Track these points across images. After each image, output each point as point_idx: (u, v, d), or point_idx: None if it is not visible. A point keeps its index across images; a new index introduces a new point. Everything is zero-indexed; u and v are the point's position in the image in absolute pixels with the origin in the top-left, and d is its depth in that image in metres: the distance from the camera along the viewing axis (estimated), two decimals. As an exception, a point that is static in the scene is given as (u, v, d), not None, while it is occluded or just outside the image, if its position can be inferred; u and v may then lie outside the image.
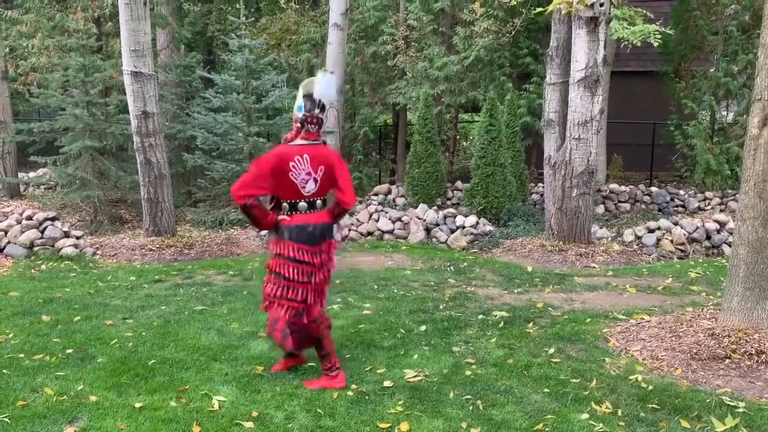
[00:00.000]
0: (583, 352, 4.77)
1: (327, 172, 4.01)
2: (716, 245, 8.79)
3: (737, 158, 11.09)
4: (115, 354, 4.64)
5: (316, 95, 4.01)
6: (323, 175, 4.00)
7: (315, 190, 4.01)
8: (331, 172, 4.02)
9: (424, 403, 3.88)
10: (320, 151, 4.01)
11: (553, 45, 8.70)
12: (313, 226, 4.01)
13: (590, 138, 8.22)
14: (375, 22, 12.82)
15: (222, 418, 3.68)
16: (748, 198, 4.70)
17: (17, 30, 12.09)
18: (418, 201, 10.38)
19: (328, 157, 4.04)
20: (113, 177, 9.84)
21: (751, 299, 4.72)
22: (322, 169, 3.99)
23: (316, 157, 3.96)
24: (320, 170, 3.98)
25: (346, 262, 7.84)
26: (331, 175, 4.03)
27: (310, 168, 3.95)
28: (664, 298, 6.30)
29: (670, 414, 3.76)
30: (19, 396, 3.91)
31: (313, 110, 4.00)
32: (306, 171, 3.94)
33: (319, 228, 4.04)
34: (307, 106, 3.99)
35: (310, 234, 3.99)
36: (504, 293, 6.47)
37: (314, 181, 3.99)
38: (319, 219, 4.05)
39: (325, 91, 4.06)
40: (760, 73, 4.64)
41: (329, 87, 4.13)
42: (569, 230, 8.52)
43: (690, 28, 12.13)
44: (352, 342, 4.91)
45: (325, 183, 4.04)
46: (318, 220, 4.04)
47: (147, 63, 8.45)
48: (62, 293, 6.29)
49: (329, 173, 4.02)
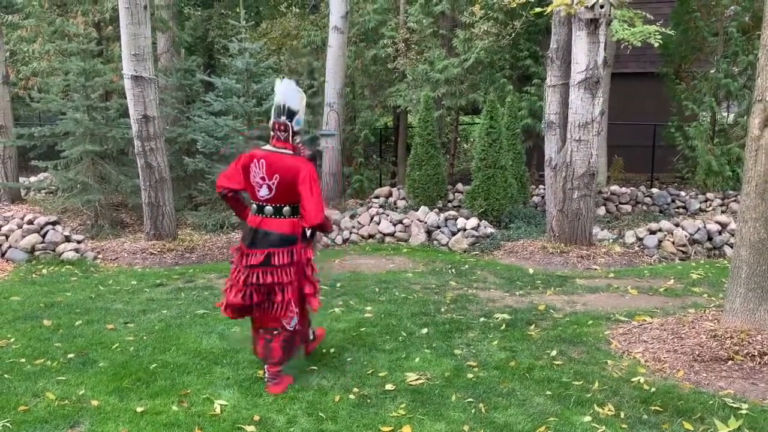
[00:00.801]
0: (585, 354, 4.77)
1: (284, 182, 3.96)
2: (718, 246, 8.77)
3: (738, 159, 11.08)
4: (117, 358, 4.63)
5: (278, 102, 4.03)
6: (278, 183, 3.96)
7: (269, 196, 4.00)
8: (291, 185, 3.96)
9: (426, 407, 3.87)
10: (281, 160, 3.98)
11: (554, 47, 8.69)
12: (255, 229, 4.04)
13: (591, 140, 8.22)
14: (375, 25, 12.84)
15: (224, 422, 3.68)
16: (749, 199, 4.70)
17: (18, 35, 12.13)
18: (419, 203, 10.38)
19: (289, 168, 3.96)
20: (114, 181, 9.84)
21: (754, 300, 4.71)
22: (277, 178, 3.95)
23: (272, 165, 3.96)
24: (275, 178, 3.96)
25: (347, 265, 7.84)
26: (290, 187, 3.96)
27: (265, 174, 3.98)
28: (665, 299, 6.29)
29: (672, 416, 3.75)
30: (20, 401, 3.91)
31: (279, 117, 4.02)
32: (260, 176, 3.99)
33: (261, 233, 4.02)
34: (275, 113, 4.04)
35: (248, 234, 4.09)
36: (505, 295, 6.46)
37: (267, 188, 3.99)
38: (264, 224, 4.03)
39: (286, 96, 4.04)
40: (760, 74, 4.64)
41: (290, 92, 4.07)
42: (570, 232, 8.51)
43: (690, 30, 12.12)
44: (354, 345, 4.90)
45: (282, 192, 3.98)
46: (263, 225, 4.03)
47: (147, 67, 8.46)
48: (63, 297, 6.28)
49: (287, 184, 3.96)
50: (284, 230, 4.03)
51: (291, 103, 4.04)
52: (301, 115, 4.10)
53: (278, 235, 4.02)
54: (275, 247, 4.00)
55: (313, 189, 3.95)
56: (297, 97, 4.07)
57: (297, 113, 4.06)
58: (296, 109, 4.05)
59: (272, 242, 4.01)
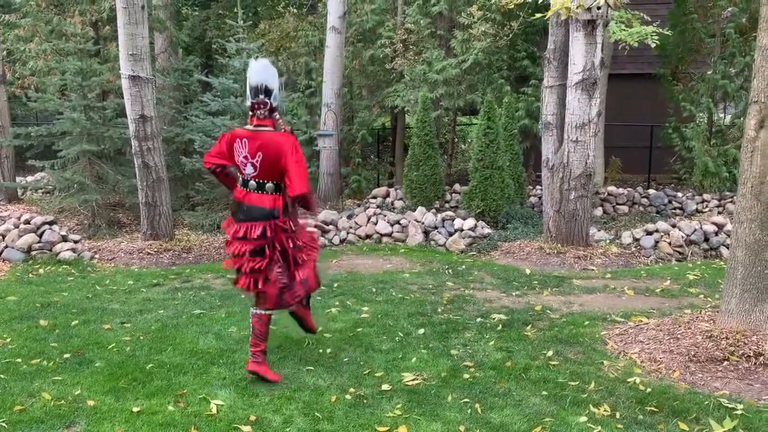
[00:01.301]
0: (581, 354, 4.77)
1: (267, 159, 4.05)
2: (714, 247, 8.79)
3: (734, 160, 11.10)
4: (113, 358, 4.63)
5: (254, 82, 4.10)
6: (262, 161, 4.06)
7: (254, 173, 4.10)
8: (275, 160, 4.05)
9: (423, 407, 3.88)
10: (264, 137, 4.07)
11: (551, 48, 8.71)
12: (238, 202, 4.18)
13: (588, 140, 8.23)
14: (373, 25, 12.84)
15: (220, 422, 3.68)
16: (745, 200, 4.71)
17: (15, 34, 12.11)
18: (416, 204, 10.38)
19: (273, 145, 4.06)
20: (111, 181, 9.82)
21: (749, 301, 4.72)
22: (261, 156, 4.05)
23: (255, 143, 4.06)
24: (258, 156, 4.05)
25: (344, 265, 7.84)
26: (274, 162, 4.05)
27: (248, 153, 4.08)
28: (662, 300, 6.30)
29: (668, 416, 3.76)
30: (16, 401, 3.91)
31: (257, 96, 4.09)
32: (243, 155, 4.09)
33: (245, 207, 4.14)
34: (251, 94, 4.11)
35: (234, 206, 4.23)
36: (502, 296, 6.47)
37: (252, 166, 4.08)
38: (247, 199, 4.14)
39: (261, 75, 4.11)
40: (757, 76, 4.65)
41: (265, 70, 4.15)
42: (567, 233, 8.52)
43: (687, 31, 12.15)
44: (351, 345, 4.90)
45: (268, 169, 4.08)
46: (246, 199, 4.14)
47: (145, 67, 8.45)
48: (60, 297, 6.28)
49: (272, 160, 4.05)
50: (265, 204, 4.12)
51: (268, 81, 4.11)
52: (277, 92, 4.17)
53: (259, 209, 4.12)
54: (255, 220, 4.11)
55: (298, 160, 4.05)
56: (273, 75, 4.15)
57: (273, 90, 4.13)
58: (272, 87, 4.12)
59: (253, 216, 4.12)
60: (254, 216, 4.11)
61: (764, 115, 4.58)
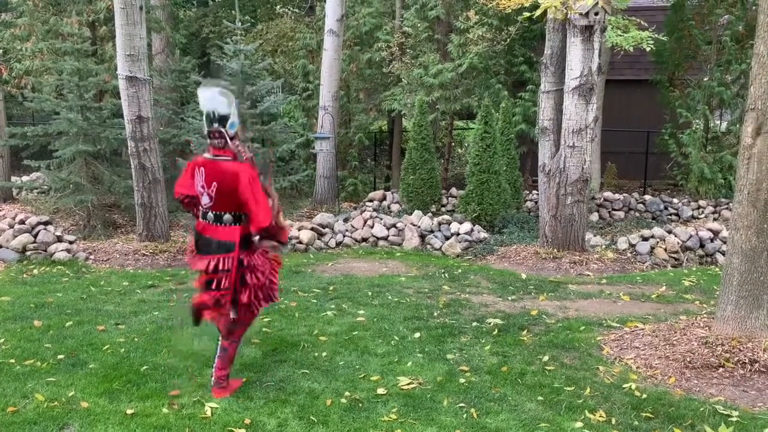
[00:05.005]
0: (577, 360, 4.77)
1: (222, 190, 3.87)
2: (710, 254, 8.81)
3: (730, 167, 11.14)
4: (107, 360, 4.61)
5: (206, 110, 3.89)
6: (216, 191, 3.89)
7: (210, 204, 3.94)
8: (230, 192, 3.87)
9: (418, 411, 3.87)
10: (218, 167, 3.89)
11: (548, 53, 8.73)
12: (199, 234, 4.03)
13: (585, 146, 8.25)
14: (370, 28, 12.87)
15: (214, 425, 3.66)
16: (741, 207, 4.72)
17: (11, 33, 12.07)
18: (412, 207, 10.39)
19: (229, 175, 3.85)
20: (107, 181, 9.80)
21: (745, 308, 4.73)
22: (215, 186, 3.88)
23: (210, 173, 3.90)
24: (213, 186, 3.89)
25: (340, 269, 7.83)
26: (229, 194, 3.87)
27: (204, 182, 3.93)
28: (657, 306, 6.31)
29: (663, 423, 3.75)
30: (9, 402, 3.88)
31: (212, 125, 3.89)
32: (201, 184, 3.95)
33: (204, 239, 3.99)
34: (206, 122, 3.92)
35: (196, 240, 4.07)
36: (498, 300, 6.46)
37: (207, 196, 3.93)
38: (206, 231, 3.98)
39: (211, 104, 3.89)
40: (753, 83, 4.67)
41: (215, 97, 3.90)
42: (563, 238, 8.53)
43: (684, 38, 12.20)
44: (346, 349, 4.89)
45: (223, 200, 3.90)
46: (205, 231, 3.98)
47: (142, 68, 8.43)
48: (54, 298, 6.25)
49: (226, 192, 3.87)
50: (222, 237, 3.94)
51: (219, 108, 3.87)
52: (234, 118, 3.93)
53: (216, 242, 3.95)
54: (213, 254, 3.94)
55: (255, 193, 3.83)
56: (224, 101, 3.89)
57: (229, 117, 3.90)
58: (226, 113, 3.89)
59: (211, 249, 3.95)
60: (211, 249, 3.94)
61: (761, 122, 4.60)
